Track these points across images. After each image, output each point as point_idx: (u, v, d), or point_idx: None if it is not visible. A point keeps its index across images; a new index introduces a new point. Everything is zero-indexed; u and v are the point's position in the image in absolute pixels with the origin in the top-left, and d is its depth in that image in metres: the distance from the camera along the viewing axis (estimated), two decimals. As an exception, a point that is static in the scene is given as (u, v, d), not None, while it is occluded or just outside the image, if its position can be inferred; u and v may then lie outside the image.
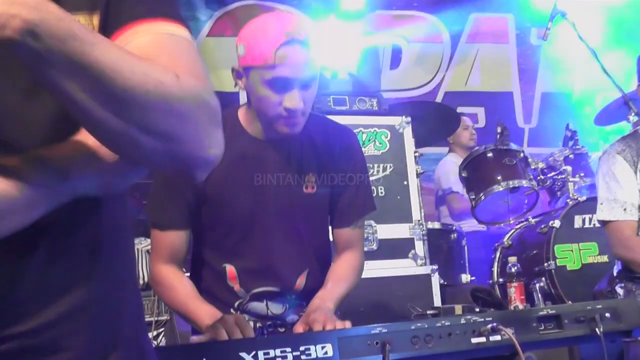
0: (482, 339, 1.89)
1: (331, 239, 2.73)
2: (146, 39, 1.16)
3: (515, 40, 8.17)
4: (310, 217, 2.56)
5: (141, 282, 4.19)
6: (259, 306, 2.51)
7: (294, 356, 1.69)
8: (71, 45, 0.98)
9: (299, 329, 2.17)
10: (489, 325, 1.90)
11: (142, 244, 4.27)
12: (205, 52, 6.82)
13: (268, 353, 1.68)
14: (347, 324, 2.09)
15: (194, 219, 2.48)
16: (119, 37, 1.17)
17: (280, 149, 2.49)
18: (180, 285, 2.43)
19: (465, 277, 5.04)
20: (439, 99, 7.69)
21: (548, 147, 7.40)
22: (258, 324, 2.44)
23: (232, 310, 2.50)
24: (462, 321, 1.90)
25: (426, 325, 1.85)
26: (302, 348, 1.70)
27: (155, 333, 4.01)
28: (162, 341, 3.99)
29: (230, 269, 2.50)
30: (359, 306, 3.52)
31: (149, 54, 1.12)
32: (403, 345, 1.80)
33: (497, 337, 1.89)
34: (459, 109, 7.40)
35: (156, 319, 4.06)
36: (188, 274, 2.65)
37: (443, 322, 1.88)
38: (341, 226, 2.62)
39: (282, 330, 2.48)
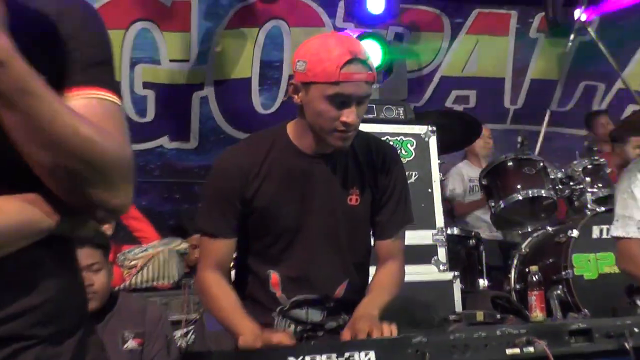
0: (517, 350, 1.91)
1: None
2: (80, 102, 1.37)
3: (515, 33, 8.45)
4: (352, 228, 2.59)
5: (171, 280, 4.23)
6: (299, 313, 2.54)
7: (336, 362, 1.73)
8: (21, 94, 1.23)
9: (347, 335, 2.21)
10: (524, 338, 1.93)
11: (173, 244, 4.32)
12: (225, 42, 7.11)
13: (314, 358, 1.72)
14: (394, 330, 2.15)
15: (241, 227, 2.53)
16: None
17: (327, 163, 2.54)
18: (224, 296, 2.46)
19: (483, 283, 5.08)
20: (435, 81, 8.13)
21: (528, 125, 8.35)
22: (299, 328, 2.51)
23: (273, 315, 2.54)
24: (498, 333, 1.93)
25: (464, 336, 1.88)
26: (346, 355, 1.74)
27: (184, 331, 4.04)
28: (191, 339, 4.02)
29: (273, 275, 2.53)
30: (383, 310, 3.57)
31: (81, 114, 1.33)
32: (441, 354, 1.83)
33: (531, 349, 1.92)
34: (453, 92, 8.17)
35: (186, 317, 4.09)
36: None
37: (480, 333, 1.91)
38: (382, 238, 2.66)
39: (321, 334, 2.53)
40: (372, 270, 2.71)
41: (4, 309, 1.38)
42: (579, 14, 5.82)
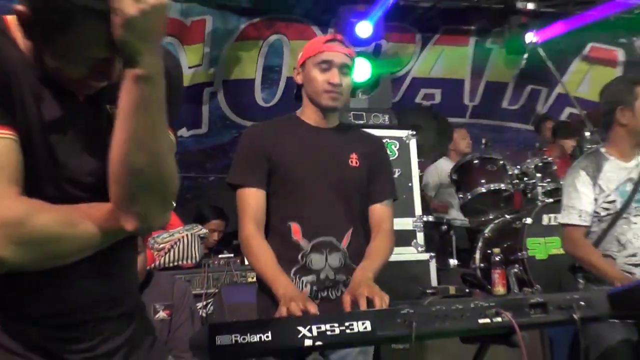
0: (487, 320, 1.94)
1: None
2: None
3: (474, 44, 8.74)
4: (355, 185, 2.69)
5: (193, 261, 4.25)
6: (319, 258, 2.57)
7: (340, 330, 1.75)
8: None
9: (347, 298, 2.28)
10: (493, 310, 1.96)
11: (194, 229, 4.33)
12: (236, 52, 7.42)
13: (320, 327, 1.74)
14: (386, 299, 2.23)
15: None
16: None
17: (332, 133, 2.74)
18: (264, 253, 2.50)
19: (453, 262, 5.12)
20: (407, 81, 8.51)
21: (484, 119, 8.79)
22: (314, 287, 2.56)
23: (293, 271, 2.56)
24: (472, 305, 1.95)
25: (444, 308, 1.91)
26: (346, 324, 1.76)
27: (204, 303, 4.07)
28: (210, 310, 4.04)
29: (294, 225, 2.58)
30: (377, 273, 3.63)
31: None
32: (425, 323, 1.86)
33: (499, 319, 1.94)
34: (422, 90, 8.52)
35: (206, 291, 4.12)
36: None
37: (457, 305, 1.93)
38: (375, 201, 2.74)
39: (332, 293, 2.59)
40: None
41: (91, 295, 1.45)
42: (531, 37, 5.88)
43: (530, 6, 8.25)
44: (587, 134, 5.26)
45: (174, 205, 1.44)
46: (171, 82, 1.39)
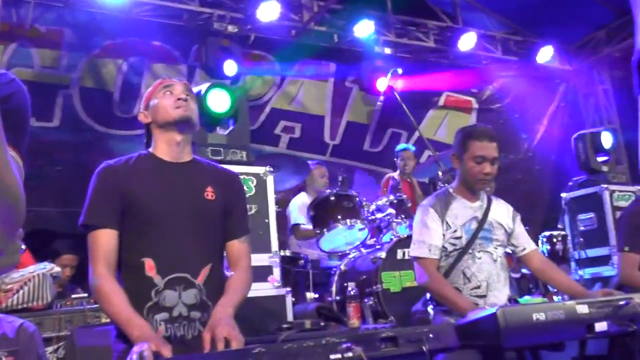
0: (339, 355, 1.93)
1: None
2: None
3: (334, 81, 8.85)
4: (210, 219, 2.66)
5: (44, 302, 4.00)
6: (172, 295, 2.51)
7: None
8: None
9: (207, 337, 2.23)
10: (344, 345, 1.96)
11: (47, 268, 4.09)
12: (95, 66, 7.23)
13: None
14: (241, 340, 2.20)
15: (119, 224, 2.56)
16: None
17: (186, 167, 2.71)
18: (116, 296, 2.42)
19: (310, 295, 5.13)
20: (266, 111, 8.37)
21: (345, 159, 8.78)
22: (168, 325, 2.48)
23: (146, 310, 2.48)
24: (323, 341, 1.95)
25: (295, 345, 1.89)
26: (199, 365, 1.72)
27: (55, 347, 3.83)
28: (61, 354, 3.81)
29: (148, 261, 2.50)
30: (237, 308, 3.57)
31: None
32: (277, 362, 1.84)
33: (350, 354, 1.95)
34: (282, 122, 8.40)
35: (57, 334, 3.88)
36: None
37: (308, 342, 1.92)
38: (233, 238, 2.73)
39: (189, 332, 2.52)
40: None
41: None
42: (386, 81, 6.09)
43: (388, 51, 8.58)
44: (440, 173, 5.49)
45: (20, 240, 1.35)
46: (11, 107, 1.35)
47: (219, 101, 4.66)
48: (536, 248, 3.69)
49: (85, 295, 4.31)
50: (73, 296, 4.27)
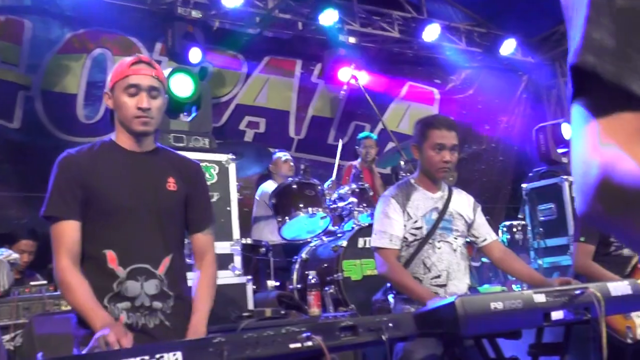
0: (298, 345, 1.94)
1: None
2: None
3: (299, 76, 8.84)
4: (171, 210, 2.65)
5: (2, 289, 3.94)
6: (134, 285, 2.50)
7: (150, 363, 1.69)
8: None
9: None
10: (304, 335, 1.96)
11: (3, 255, 4.03)
12: (58, 63, 7.06)
13: (130, 361, 1.66)
14: None
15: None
16: None
17: (148, 158, 2.67)
18: (80, 287, 2.41)
19: (271, 283, 5.13)
20: (231, 107, 8.33)
21: (310, 154, 8.71)
22: (130, 314, 2.48)
23: (107, 299, 2.48)
24: (283, 331, 1.95)
25: (255, 335, 1.89)
26: (157, 356, 1.69)
27: (13, 335, 3.76)
28: (19, 342, 3.75)
29: (110, 253, 2.50)
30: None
31: None
32: (237, 351, 1.83)
33: (310, 343, 1.96)
34: (246, 117, 8.36)
35: (14, 322, 3.82)
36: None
37: (269, 332, 1.92)
38: (197, 230, 2.75)
39: (150, 321, 2.53)
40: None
41: None
42: (350, 71, 6.08)
43: (352, 40, 8.58)
44: (402, 163, 5.52)
45: None
46: None
47: (182, 86, 4.62)
48: (497, 239, 3.74)
49: (45, 282, 4.25)
50: (32, 283, 4.21)
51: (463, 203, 3.65)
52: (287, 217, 5.38)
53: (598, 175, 0.79)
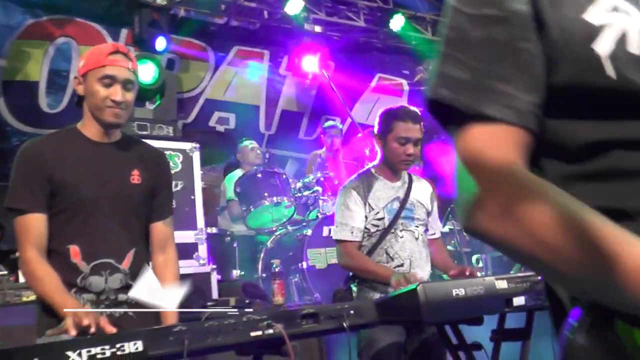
0: (260, 332, 1.96)
1: None
2: None
3: (268, 69, 8.79)
4: (135, 204, 2.63)
5: None
6: (98, 280, 2.49)
7: (111, 352, 1.68)
8: None
9: None
10: (265, 322, 1.98)
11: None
12: (18, 49, 6.88)
13: (90, 351, 1.65)
14: None
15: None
16: None
17: (113, 149, 2.62)
18: (47, 277, 2.39)
19: (236, 272, 5.14)
20: (200, 102, 8.24)
21: (282, 150, 8.62)
22: (94, 307, 2.45)
23: (71, 293, 2.44)
24: (244, 319, 1.96)
25: (216, 323, 1.90)
26: (118, 345, 1.69)
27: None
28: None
29: (73, 248, 2.47)
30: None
31: None
32: (198, 339, 1.84)
33: (271, 331, 1.97)
34: (216, 113, 8.29)
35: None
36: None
37: (230, 320, 1.93)
38: (157, 219, 2.72)
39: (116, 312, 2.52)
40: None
41: None
42: (314, 62, 6.05)
43: (318, 29, 8.56)
44: (367, 152, 5.55)
45: None
46: None
47: (146, 73, 4.58)
48: (440, 237, 3.80)
49: (5, 272, 4.18)
50: (-8, 274, 4.14)
51: (423, 192, 3.67)
52: (251, 206, 5.39)
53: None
